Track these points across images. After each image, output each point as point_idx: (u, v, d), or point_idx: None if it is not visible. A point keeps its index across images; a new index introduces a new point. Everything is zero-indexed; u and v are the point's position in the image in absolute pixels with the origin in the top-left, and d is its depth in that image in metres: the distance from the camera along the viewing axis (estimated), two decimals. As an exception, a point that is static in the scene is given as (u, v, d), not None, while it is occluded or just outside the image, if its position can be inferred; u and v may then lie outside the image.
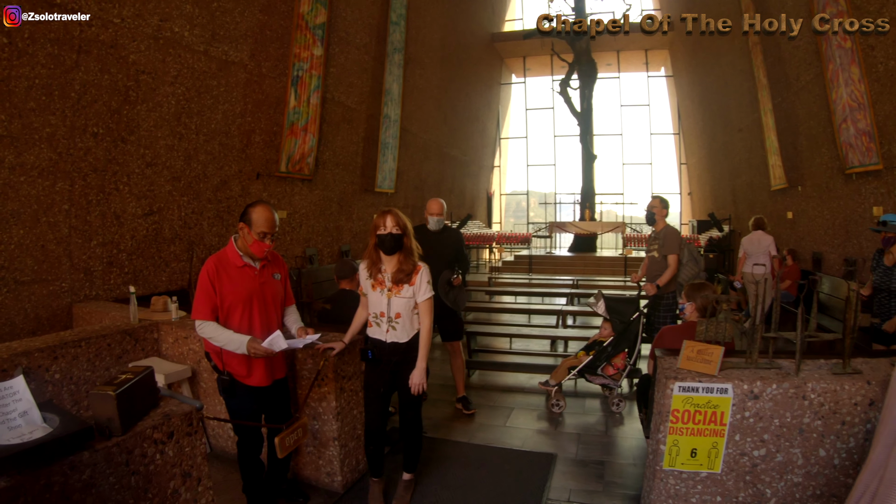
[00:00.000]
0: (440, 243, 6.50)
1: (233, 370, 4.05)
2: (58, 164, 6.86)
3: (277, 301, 4.27)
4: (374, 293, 4.36)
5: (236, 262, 4.06)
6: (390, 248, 4.28)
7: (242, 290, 4.03)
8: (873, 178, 9.48)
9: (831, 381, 3.41)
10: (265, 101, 10.37)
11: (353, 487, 4.89)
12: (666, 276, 7.13)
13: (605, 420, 6.51)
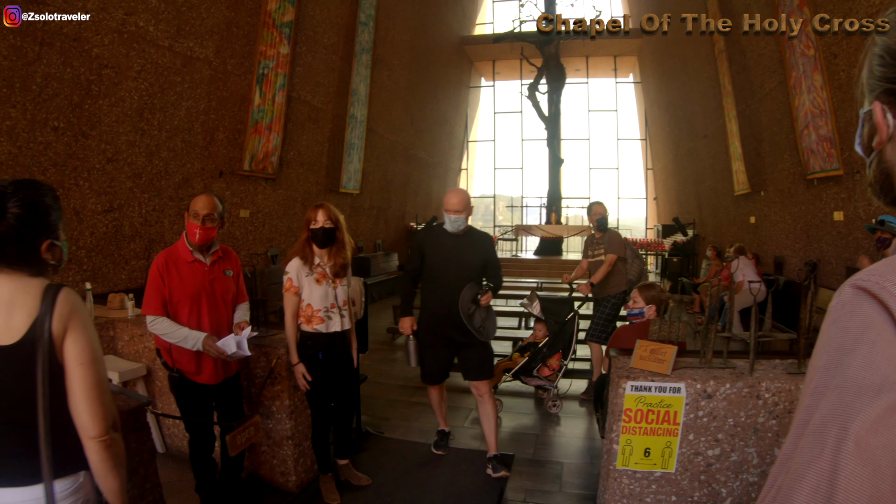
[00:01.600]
0: (462, 250, 5.10)
1: (182, 367, 3.99)
2: (17, 158, 6.74)
3: (228, 298, 4.19)
4: (319, 287, 4.41)
5: (186, 258, 4.00)
6: (323, 241, 4.42)
7: (191, 285, 3.97)
8: (834, 183, 9.59)
9: (786, 381, 3.43)
10: (229, 99, 10.28)
11: (307, 487, 4.83)
12: (601, 273, 7.21)
13: (563, 421, 6.52)
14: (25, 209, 2.01)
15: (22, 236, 2.01)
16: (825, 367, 1.09)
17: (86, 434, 2.05)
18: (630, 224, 29.64)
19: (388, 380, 7.88)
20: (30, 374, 1.98)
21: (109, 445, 2.10)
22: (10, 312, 1.98)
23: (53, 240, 2.09)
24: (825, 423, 1.00)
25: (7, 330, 1.96)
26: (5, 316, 1.97)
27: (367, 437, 5.90)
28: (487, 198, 32.66)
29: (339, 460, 4.87)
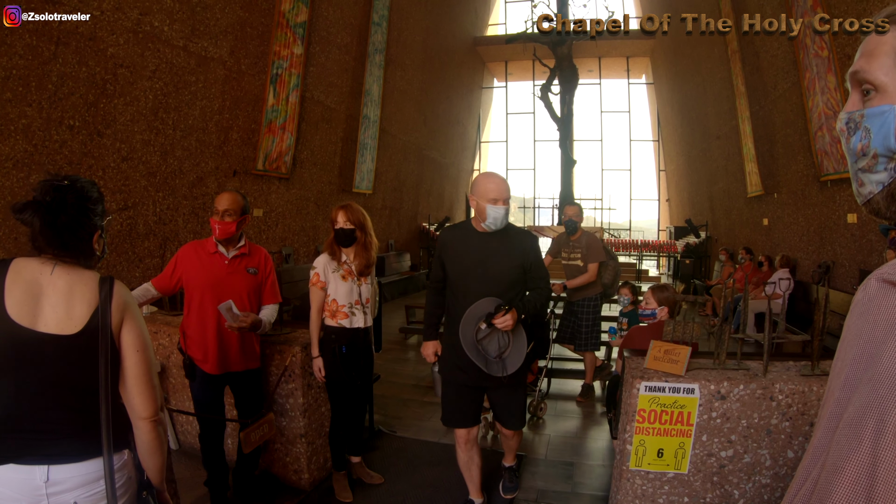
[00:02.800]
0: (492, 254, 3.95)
1: (192, 354, 4.08)
2: (33, 156, 6.80)
3: (244, 293, 4.15)
4: (345, 283, 4.47)
5: (209, 249, 4.11)
6: (343, 241, 4.49)
7: (202, 276, 4.05)
8: (847, 185, 9.54)
9: (799, 383, 3.42)
10: (243, 99, 10.32)
11: (320, 485, 4.85)
12: (581, 280, 7.01)
13: (575, 422, 6.51)
14: (83, 201, 2.16)
15: (81, 226, 2.15)
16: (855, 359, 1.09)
17: (138, 415, 2.23)
18: (642, 226, 29.58)
19: (400, 379, 7.90)
20: (91, 362, 2.13)
21: (158, 425, 2.28)
22: (70, 303, 2.11)
23: (102, 231, 2.23)
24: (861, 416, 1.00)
25: (68, 320, 2.10)
26: (66, 307, 2.10)
27: (380, 436, 5.91)
28: (500, 198, 32.63)
29: (352, 457, 4.90)
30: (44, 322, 2.08)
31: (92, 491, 2.15)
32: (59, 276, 2.12)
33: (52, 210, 2.09)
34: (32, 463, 2.06)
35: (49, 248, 2.13)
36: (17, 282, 2.07)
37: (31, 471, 2.06)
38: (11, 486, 2.05)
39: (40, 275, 2.10)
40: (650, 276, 21.28)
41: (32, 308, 2.07)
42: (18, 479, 2.05)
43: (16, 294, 2.05)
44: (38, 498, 2.07)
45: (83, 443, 2.14)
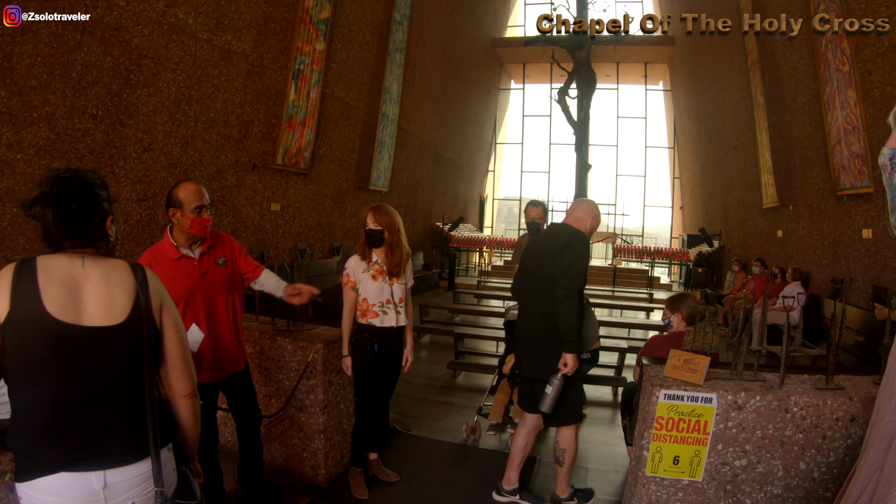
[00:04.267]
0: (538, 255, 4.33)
1: None
2: (55, 144, 6.85)
3: (224, 288, 3.97)
4: (375, 283, 4.51)
5: (171, 255, 3.78)
6: (371, 242, 4.54)
7: (180, 285, 3.72)
8: (864, 200, 9.55)
9: (814, 396, 3.45)
10: (265, 93, 10.39)
11: (336, 481, 4.88)
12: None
13: (588, 427, 6.53)
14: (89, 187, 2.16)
15: (93, 211, 2.14)
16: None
17: (180, 393, 2.33)
18: (655, 232, 29.51)
19: (414, 378, 7.91)
20: (135, 349, 2.16)
21: (196, 400, 2.40)
22: (110, 294, 2.13)
23: (113, 217, 2.24)
24: None
25: (112, 311, 2.11)
26: (107, 298, 2.11)
27: (395, 435, 5.94)
28: (513, 200, 32.67)
29: (370, 454, 4.93)
30: (88, 316, 2.07)
31: (148, 489, 2.17)
32: (91, 269, 2.13)
33: (62, 199, 2.08)
34: (87, 469, 2.05)
35: (65, 240, 2.12)
36: (51, 280, 2.05)
37: (86, 477, 2.05)
38: (66, 494, 2.03)
39: (72, 269, 2.10)
40: (661, 284, 21.28)
41: (74, 304, 2.06)
42: (74, 486, 2.03)
43: (53, 292, 2.04)
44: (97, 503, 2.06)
45: (136, 441, 2.15)
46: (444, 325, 10.81)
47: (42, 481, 2.01)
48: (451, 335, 9.26)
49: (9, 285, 2.00)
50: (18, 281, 2.01)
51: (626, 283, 20.10)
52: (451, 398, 7.26)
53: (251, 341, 4.81)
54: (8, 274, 2.02)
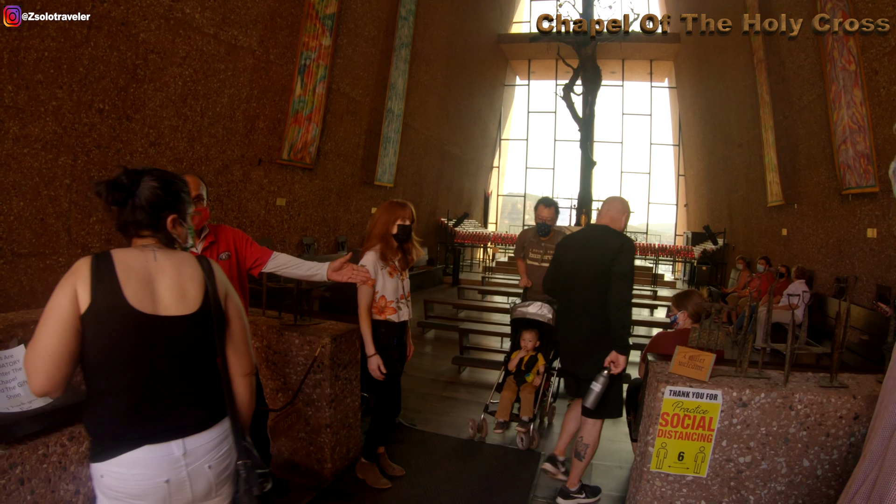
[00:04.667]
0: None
1: None
2: (62, 138, 6.88)
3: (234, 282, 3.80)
4: (392, 280, 4.61)
5: None
6: (406, 238, 4.65)
7: None
8: (869, 200, 9.55)
9: (818, 394, 3.46)
10: (271, 88, 10.40)
11: (342, 475, 4.91)
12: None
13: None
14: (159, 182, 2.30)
15: (151, 204, 2.28)
16: None
17: (242, 372, 2.51)
18: (659, 230, 29.47)
19: (419, 373, 7.95)
20: (206, 335, 2.35)
21: (254, 379, 2.60)
22: (182, 285, 2.29)
23: (180, 217, 2.38)
24: None
25: (185, 301, 2.28)
26: (180, 289, 2.28)
27: (401, 429, 5.98)
28: (517, 196, 32.64)
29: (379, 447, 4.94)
30: (164, 306, 2.23)
31: (219, 453, 2.35)
32: (163, 262, 2.28)
33: (123, 188, 2.25)
34: (167, 439, 2.20)
35: (131, 227, 2.29)
36: (128, 273, 2.18)
37: (167, 447, 2.20)
38: (150, 465, 2.17)
39: (146, 262, 2.24)
40: (665, 281, 21.26)
41: (150, 295, 2.20)
42: (157, 457, 2.18)
43: (132, 285, 2.17)
44: (178, 470, 2.22)
45: (207, 411, 2.34)
46: (449, 320, 10.84)
47: (127, 456, 2.15)
48: (455, 331, 9.28)
49: (88, 279, 2.13)
50: (97, 274, 2.14)
51: (630, 280, 20.05)
52: (456, 393, 7.28)
53: (258, 335, 4.83)
54: (85, 268, 2.15)
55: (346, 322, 5.08)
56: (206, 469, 2.30)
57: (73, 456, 2.73)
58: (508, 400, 5.89)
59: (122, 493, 2.17)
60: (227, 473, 2.40)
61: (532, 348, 6.09)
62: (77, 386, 2.91)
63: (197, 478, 2.28)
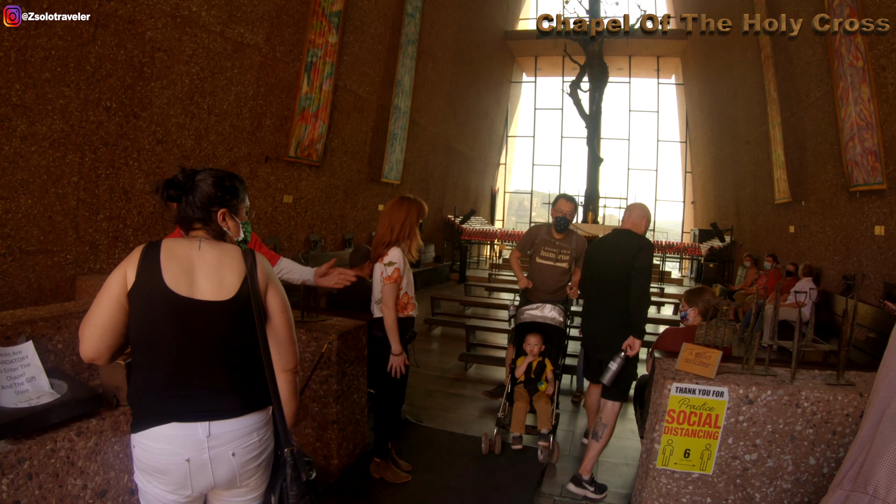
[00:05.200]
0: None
1: None
2: (69, 136, 6.90)
3: None
4: (409, 274, 4.67)
5: None
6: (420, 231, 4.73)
7: None
8: (877, 197, 9.52)
9: (825, 391, 3.45)
10: (278, 86, 10.41)
11: (348, 471, 4.92)
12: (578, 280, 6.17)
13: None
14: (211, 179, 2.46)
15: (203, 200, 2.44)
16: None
17: (284, 367, 2.59)
18: (666, 227, 29.42)
19: (425, 370, 7.95)
20: (243, 324, 2.44)
21: (297, 376, 2.68)
22: (221, 274, 2.41)
23: (231, 212, 2.51)
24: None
25: (221, 288, 2.39)
26: (218, 277, 2.40)
27: (407, 426, 5.99)
28: (524, 193, 32.64)
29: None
30: (200, 291, 2.35)
31: (247, 443, 2.41)
32: (206, 251, 2.41)
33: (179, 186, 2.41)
34: (195, 420, 2.30)
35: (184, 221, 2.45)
36: (170, 258, 2.33)
37: (193, 427, 2.30)
38: (175, 442, 2.27)
39: (190, 251, 2.39)
40: (672, 278, 21.23)
41: (188, 280, 2.34)
42: (182, 435, 2.28)
43: (172, 269, 2.32)
44: (201, 451, 2.30)
45: (239, 399, 2.41)
46: (456, 317, 10.84)
47: (155, 430, 2.28)
48: (462, 328, 9.28)
49: (137, 261, 2.31)
50: (145, 258, 2.32)
51: (637, 278, 20.03)
52: (463, 390, 7.29)
53: (266, 332, 4.82)
54: (138, 252, 2.34)
55: (354, 319, 5.10)
56: (229, 456, 2.36)
57: (81, 451, 2.76)
58: (522, 411, 5.54)
59: (147, 465, 2.30)
60: (257, 465, 2.47)
61: (538, 353, 5.82)
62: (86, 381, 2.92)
63: (220, 463, 2.35)
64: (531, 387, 5.75)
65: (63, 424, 2.72)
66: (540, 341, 5.82)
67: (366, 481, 4.77)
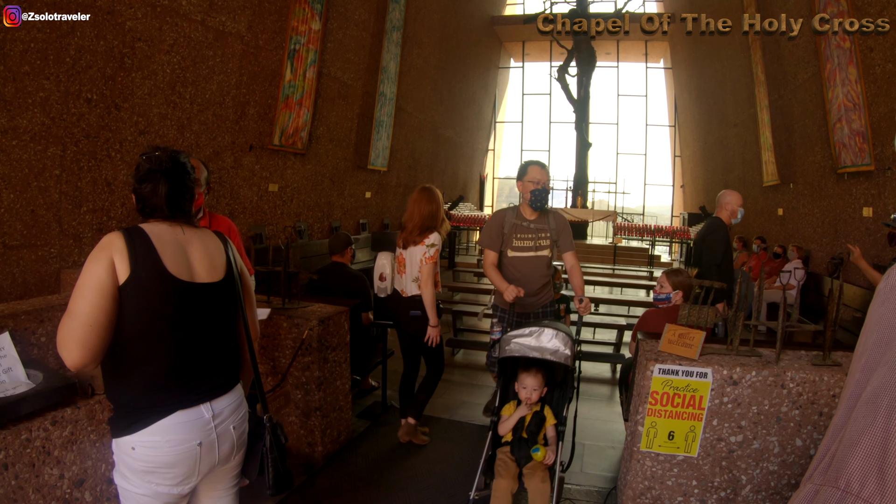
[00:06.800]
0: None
1: None
2: (50, 129, 6.82)
3: None
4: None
5: None
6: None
7: None
8: (864, 178, 9.52)
9: (810, 372, 3.43)
10: (261, 74, 10.34)
11: (333, 458, 4.94)
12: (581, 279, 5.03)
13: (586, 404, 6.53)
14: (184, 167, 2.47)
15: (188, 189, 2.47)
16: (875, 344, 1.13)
17: (254, 337, 2.73)
18: (656, 211, 29.43)
19: (412, 357, 7.94)
20: (230, 301, 2.54)
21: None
22: (210, 255, 2.47)
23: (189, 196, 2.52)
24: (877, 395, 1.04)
25: (213, 269, 2.46)
26: (209, 259, 2.46)
27: (394, 412, 6.02)
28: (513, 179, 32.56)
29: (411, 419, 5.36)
30: (197, 274, 2.40)
31: (239, 415, 2.54)
32: (190, 235, 2.44)
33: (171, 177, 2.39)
34: (198, 402, 2.36)
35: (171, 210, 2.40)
36: (164, 245, 2.31)
37: (198, 411, 2.35)
38: (184, 430, 2.30)
39: (177, 235, 2.38)
40: (662, 262, 21.27)
41: (186, 264, 2.36)
42: (189, 421, 2.32)
43: (169, 255, 2.31)
44: (208, 432, 2.36)
45: (228, 373, 2.52)
46: (444, 303, 10.82)
47: (161, 423, 2.26)
48: (450, 313, 9.28)
49: (125, 251, 2.22)
50: (134, 248, 2.24)
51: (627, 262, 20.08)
52: (451, 375, 7.28)
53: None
54: (119, 241, 2.24)
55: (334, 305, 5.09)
56: (230, 430, 2.45)
57: (57, 441, 2.75)
58: (506, 492, 3.71)
59: (155, 462, 2.26)
60: (244, 437, 2.58)
61: (537, 399, 3.94)
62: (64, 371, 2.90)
63: (224, 439, 2.43)
64: (521, 452, 3.87)
65: (38, 414, 2.69)
66: (540, 383, 3.93)
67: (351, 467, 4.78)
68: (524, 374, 3.92)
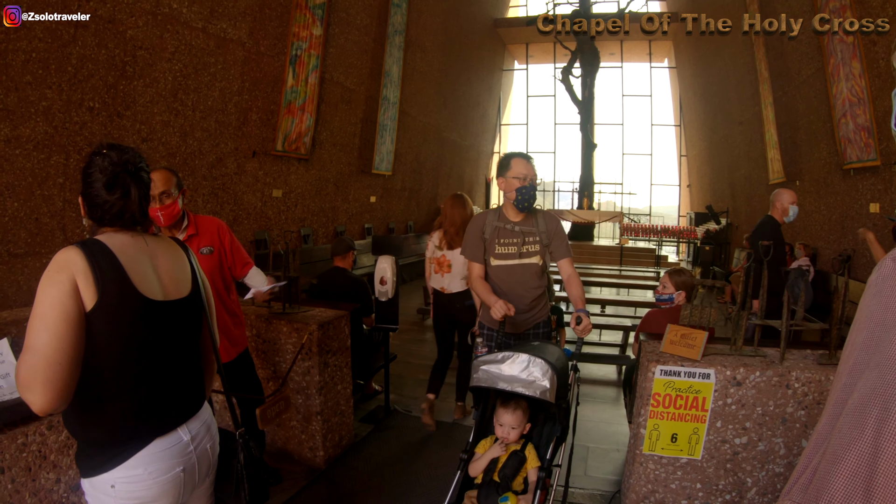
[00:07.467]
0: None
1: None
2: (53, 138, 6.85)
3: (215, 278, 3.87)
4: None
5: None
6: None
7: None
8: (871, 173, 9.46)
9: (816, 371, 3.40)
10: (263, 80, 10.35)
11: (335, 462, 4.93)
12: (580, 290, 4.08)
13: (591, 406, 6.50)
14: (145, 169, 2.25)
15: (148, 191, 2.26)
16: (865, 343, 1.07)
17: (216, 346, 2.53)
18: (662, 211, 29.32)
19: (416, 360, 7.94)
20: (198, 316, 2.37)
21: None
22: (175, 268, 2.27)
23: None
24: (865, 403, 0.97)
25: (181, 283, 2.27)
26: (175, 272, 2.26)
27: (396, 416, 6.01)
28: (518, 182, 32.55)
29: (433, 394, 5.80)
30: (165, 291, 2.18)
31: (211, 431, 2.39)
32: (153, 247, 2.21)
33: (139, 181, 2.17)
34: (174, 427, 2.19)
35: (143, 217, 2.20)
36: (130, 260, 2.07)
37: (176, 435, 2.18)
38: (164, 458, 2.13)
39: (141, 248, 2.15)
40: (669, 262, 21.19)
41: (155, 281, 2.15)
42: (169, 448, 2.15)
43: (137, 273, 2.07)
44: (189, 456, 2.21)
45: (197, 392, 2.37)
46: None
47: (140, 455, 2.07)
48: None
49: (88, 272, 1.93)
50: (97, 266, 1.96)
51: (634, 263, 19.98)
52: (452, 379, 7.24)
53: (247, 325, 4.82)
54: (79, 259, 1.94)
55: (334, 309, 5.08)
56: (207, 449, 2.32)
57: (53, 445, 2.75)
58: None
59: (139, 498, 2.08)
60: (216, 455, 2.42)
61: (517, 438, 3.25)
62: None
63: (202, 460, 2.29)
64: (489, 500, 3.17)
65: (34, 419, 2.68)
66: (520, 420, 3.23)
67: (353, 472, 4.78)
68: (501, 409, 3.24)
